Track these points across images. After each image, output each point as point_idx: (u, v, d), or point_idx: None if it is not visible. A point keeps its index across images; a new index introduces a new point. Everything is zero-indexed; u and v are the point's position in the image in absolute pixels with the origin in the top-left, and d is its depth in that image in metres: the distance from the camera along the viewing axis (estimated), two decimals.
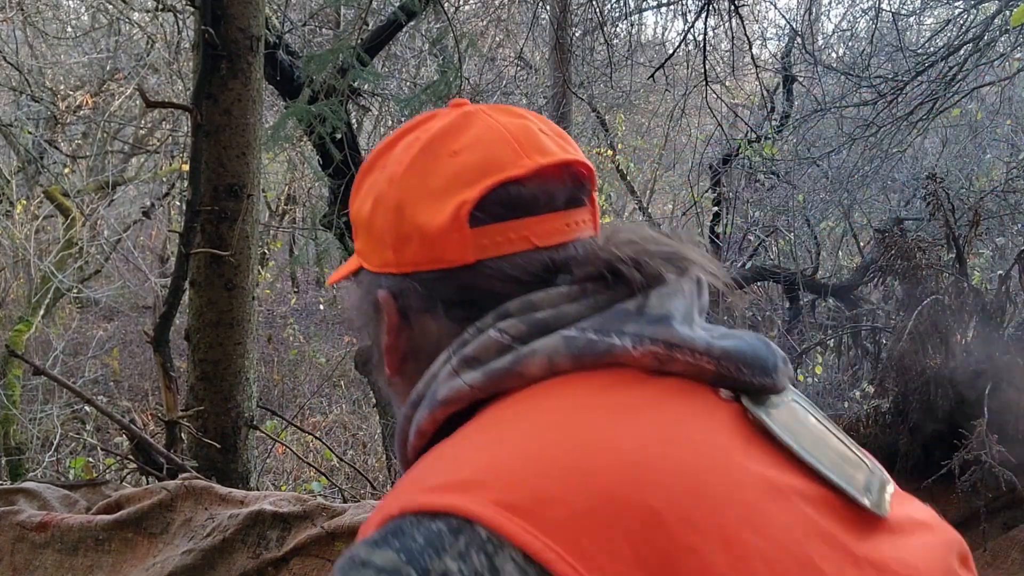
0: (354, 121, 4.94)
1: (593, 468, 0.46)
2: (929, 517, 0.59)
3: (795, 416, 0.56)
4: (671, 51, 5.51)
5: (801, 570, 0.47)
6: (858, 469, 0.56)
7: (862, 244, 6.31)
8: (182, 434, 2.30)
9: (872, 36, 5.02)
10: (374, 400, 5.30)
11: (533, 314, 0.56)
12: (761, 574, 0.45)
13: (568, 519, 0.43)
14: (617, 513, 0.43)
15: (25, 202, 6.59)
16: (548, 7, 5.66)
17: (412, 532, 0.44)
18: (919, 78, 4.48)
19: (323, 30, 4.98)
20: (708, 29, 5.16)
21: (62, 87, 7.03)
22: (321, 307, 9.63)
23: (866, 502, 0.53)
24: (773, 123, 6.08)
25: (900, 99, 4.58)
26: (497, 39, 7.00)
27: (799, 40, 5.47)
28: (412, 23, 4.20)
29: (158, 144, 7.20)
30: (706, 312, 0.62)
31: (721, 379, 0.55)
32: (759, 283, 5.94)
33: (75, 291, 6.47)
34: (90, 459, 4.66)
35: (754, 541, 0.46)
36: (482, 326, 0.57)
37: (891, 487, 0.58)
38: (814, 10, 5.99)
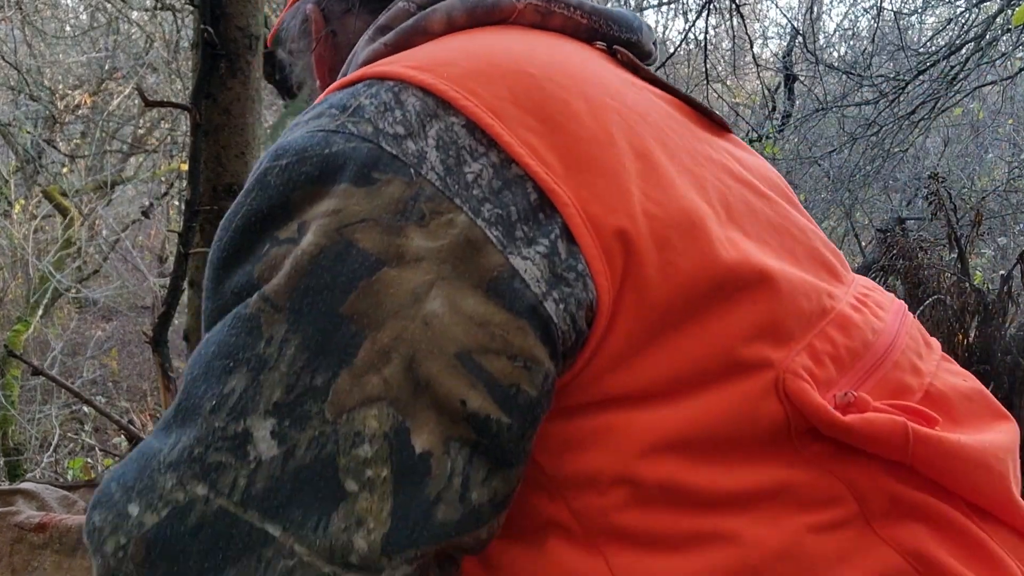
0: None
1: (480, 49, 0.57)
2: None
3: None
4: (672, 50, 5.49)
5: (651, 131, 0.56)
6: None
7: (864, 244, 6.30)
8: None
9: (874, 35, 5.01)
10: None
11: None
12: (615, 123, 0.54)
13: (459, 73, 0.53)
14: (500, 72, 0.54)
15: (23, 202, 6.57)
16: None
17: (336, 95, 0.53)
18: (921, 77, 4.48)
19: None
20: (709, 28, 5.15)
21: (60, 86, 7.01)
22: None
23: (718, 116, 0.66)
24: (774, 122, 6.07)
25: (902, 98, 4.58)
26: None
27: (800, 39, 5.46)
28: None
29: (157, 143, 7.17)
30: None
31: (593, 33, 0.67)
32: None
33: (73, 291, 6.45)
34: (88, 459, 4.64)
35: (611, 103, 0.56)
36: (392, 6, 0.66)
37: None
38: (815, 9, 5.98)
